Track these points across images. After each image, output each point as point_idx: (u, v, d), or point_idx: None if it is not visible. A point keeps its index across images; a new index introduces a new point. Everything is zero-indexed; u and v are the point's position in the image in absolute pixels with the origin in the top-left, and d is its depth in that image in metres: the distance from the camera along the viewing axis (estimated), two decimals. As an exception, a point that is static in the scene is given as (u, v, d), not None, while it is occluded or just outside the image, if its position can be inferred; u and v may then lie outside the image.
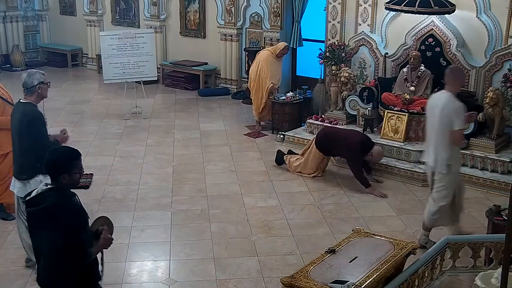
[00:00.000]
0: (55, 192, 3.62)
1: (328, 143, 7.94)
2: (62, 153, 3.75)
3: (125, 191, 7.58)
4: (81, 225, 3.64)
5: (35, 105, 5.46)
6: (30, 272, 5.65)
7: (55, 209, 3.56)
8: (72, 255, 3.56)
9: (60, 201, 3.59)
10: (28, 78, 5.40)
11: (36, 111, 5.44)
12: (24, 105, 5.44)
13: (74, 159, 3.71)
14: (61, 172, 3.63)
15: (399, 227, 6.70)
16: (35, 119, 5.38)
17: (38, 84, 5.39)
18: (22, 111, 5.42)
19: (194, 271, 5.73)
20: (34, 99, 5.44)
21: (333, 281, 4.32)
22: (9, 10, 14.92)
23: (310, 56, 10.61)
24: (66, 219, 3.54)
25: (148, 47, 10.93)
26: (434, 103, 5.98)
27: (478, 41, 8.42)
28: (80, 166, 3.73)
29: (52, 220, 3.53)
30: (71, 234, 3.53)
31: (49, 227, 3.54)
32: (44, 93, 5.49)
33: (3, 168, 6.63)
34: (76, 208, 3.64)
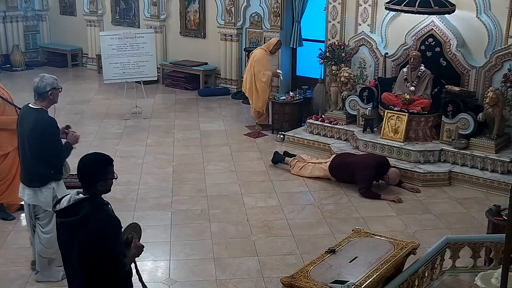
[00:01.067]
0: (91, 202, 3.53)
1: (343, 172, 7.78)
2: (96, 161, 3.65)
3: (125, 191, 7.58)
4: (118, 235, 3.58)
5: (46, 111, 5.26)
6: (30, 272, 5.65)
7: (92, 219, 3.46)
8: (109, 265, 3.50)
9: (96, 210, 3.51)
10: (40, 82, 5.21)
11: (49, 119, 5.22)
12: (36, 112, 5.21)
13: (108, 165, 3.65)
14: (98, 179, 3.57)
15: (399, 227, 6.70)
16: (50, 126, 5.17)
17: (50, 90, 5.22)
18: (34, 118, 5.18)
19: (194, 271, 5.73)
20: (45, 104, 5.25)
21: (333, 281, 4.33)
22: (9, 10, 14.92)
23: (310, 56, 10.61)
24: (103, 229, 3.47)
25: (148, 47, 10.93)
26: None
27: (478, 41, 8.42)
28: (113, 171, 3.68)
29: (87, 231, 3.45)
30: (108, 244, 3.47)
31: (86, 237, 3.45)
32: (56, 98, 5.31)
33: (3, 168, 6.62)
34: (112, 217, 3.56)
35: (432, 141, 8.41)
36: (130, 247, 3.67)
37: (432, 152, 8.15)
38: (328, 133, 9.21)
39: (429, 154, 8.13)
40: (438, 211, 7.11)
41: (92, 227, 3.46)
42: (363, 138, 8.56)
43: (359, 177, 7.52)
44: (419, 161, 8.11)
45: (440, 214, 7.01)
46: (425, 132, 8.48)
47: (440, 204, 7.31)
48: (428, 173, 7.87)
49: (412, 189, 7.66)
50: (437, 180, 7.86)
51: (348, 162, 7.77)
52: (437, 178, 7.88)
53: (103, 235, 3.46)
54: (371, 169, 7.53)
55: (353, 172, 7.63)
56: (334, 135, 9.16)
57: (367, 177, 7.48)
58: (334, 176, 7.84)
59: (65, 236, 3.58)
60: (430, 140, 8.42)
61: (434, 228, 6.67)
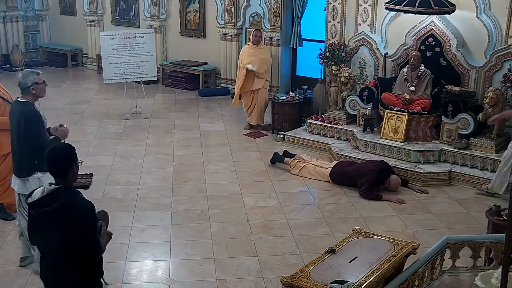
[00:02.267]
0: (65, 191, 3.64)
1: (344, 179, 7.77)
2: (64, 149, 3.79)
3: (125, 191, 7.58)
4: (96, 221, 3.68)
5: (33, 104, 5.51)
6: (30, 271, 5.65)
7: (69, 208, 3.57)
8: (87, 252, 3.60)
9: (71, 199, 3.62)
10: (22, 79, 5.45)
11: (33, 110, 5.48)
12: (22, 104, 5.49)
13: (74, 150, 3.78)
14: (70, 165, 3.69)
15: (399, 227, 6.70)
16: (33, 117, 5.43)
17: (32, 85, 5.43)
18: (19, 110, 5.47)
19: (194, 271, 5.73)
20: (31, 98, 5.49)
21: (333, 281, 4.32)
22: (9, 10, 14.91)
23: (310, 56, 10.61)
24: (81, 216, 3.57)
25: (148, 47, 10.93)
26: None
27: (478, 41, 8.42)
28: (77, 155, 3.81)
29: (67, 219, 3.55)
30: (87, 230, 3.58)
31: (64, 226, 3.55)
32: (40, 93, 5.52)
33: (4, 169, 6.63)
34: (88, 205, 3.65)
35: (432, 141, 8.41)
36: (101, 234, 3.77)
37: (432, 152, 8.15)
38: (328, 133, 9.21)
39: (429, 154, 8.14)
40: (438, 211, 7.11)
41: (73, 214, 3.56)
42: (363, 138, 8.56)
43: (361, 181, 7.52)
44: (419, 161, 8.11)
45: (440, 214, 7.01)
46: (425, 132, 8.48)
47: (440, 204, 7.31)
48: (428, 173, 7.87)
49: (419, 190, 7.66)
50: (437, 180, 7.86)
51: (349, 170, 7.76)
52: (437, 178, 7.88)
53: (84, 221, 3.58)
54: (373, 173, 7.53)
55: (355, 178, 7.63)
56: (334, 135, 9.16)
57: (369, 180, 7.48)
58: (335, 182, 7.85)
59: (41, 227, 3.67)
60: (430, 140, 8.42)
61: (434, 228, 6.67)
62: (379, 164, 7.75)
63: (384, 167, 7.73)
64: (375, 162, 7.86)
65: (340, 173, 7.80)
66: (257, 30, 10.11)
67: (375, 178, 7.52)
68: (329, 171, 7.87)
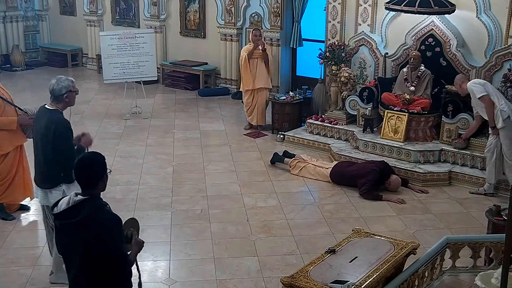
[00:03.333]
0: (91, 203, 3.54)
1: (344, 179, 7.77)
2: (96, 159, 3.67)
3: (125, 191, 7.58)
4: (122, 233, 3.59)
5: (62, 113, 5.25)
6: (30, 272, 5.65)
7: (95, 220, 3.47)
8: (113, 265, 3.50)
9: (97, 211, 3.51)
10: (56, 85, 5.17)
11: (63, 120, 5.21)
12: (51, 112, 5.21)
13: (104, 160, 3.69)
14: (101, 176, 3.62)
15: (399, 227, 6.70)
16: (63, 128, 5.16)
17: (66, 92, 5.18)
18: (48, 118, 5.18)
19: (194, 271, 5.73)
20: (61, 106, 5.24)
21: (333, 281, 4.32)
22: (9, 10, 14.92)
23: (310, 56, 10.61)
24: (106, 229, 3.47)
25: (148, 47, 10.93)
26: None
27: (478, 41, 8.42)
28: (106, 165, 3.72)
29: (90, 232, 3.44)
30: (113, 243, 3.48)
31: (89, 238, 3.44)
32: (72, 101, 5.28)
33: (3, 168, 6.62)
34: (114, 216, 3.56)
35: (432, 141, 8.41)
36: (131, 243, 3.68)
37: (432, 152, 8.15)
38: (328, 133, 9.21)
39: (429, 154, 8.14)
40: (438, 211, 7.11)
41: (96, 227, 3.45)
42: (363, 138, 8.56)
43: (362, 181, 7.51)
44: (419, 161, 8.11)
45: (440, 214, 7.01)
46: (425, 132, 8.48)
47: (440, 204, 7.31)
48: (428, 173, 7.87)
49: (419, 190, 7.65)
50: (437, 180, 7.86)
51: (349, 170, 7.75)
52: (437, 178, 7.88)
53: (107, 235, 3.46)
54: (374, 173, 7.53)
55: (355, 178, 7.62)
56: (334, 135, 9.16)
57: (370, 180, 7.47)
58: (335, 182, 7.84)
59: (66, 239, 3.57)
60: (430, 140, 8.42)
61: (434, 228, 6.67)
62: (379, 164, 7.75)
63: (385, 167, 7.73)
64: (375, 162, 7.86)
65: (340, 173, 7.80)
66: (256, 29, 10.11)
67: (376, 178, 7.52)
68: (329, 171, 7.87)
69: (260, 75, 9.87)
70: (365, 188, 7.43)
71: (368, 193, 7.41)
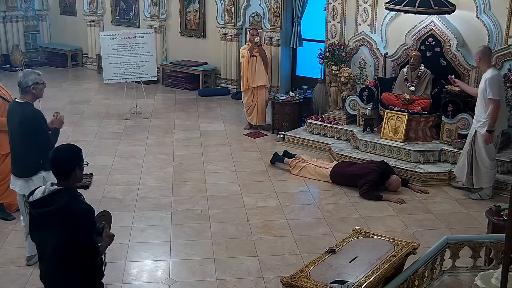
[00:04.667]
0: (66, 193, 3.62)
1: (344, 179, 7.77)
2: (71, 149, 3.76)
3: (125, 191, 7.58)
4: (95, 224, 3.66)
5: (32, 104, 5.48)
6: (31, 271, 5.66)
7: (68, 210, 3.55)
8: (85, 255, 3.59)
9: (72, 201, 3.60)
10: (23, 78, 5.43)
11: (36, 111, 5.47)
12: (22, 105, 5.45)
13: (80, 152, 3.77)
14: (74, 167, 3.66)
15: (399, 227, 6.70)
16: (36, 117, 5.41)
17: (32, 84, 5.42)
18: (22, 112, 5.41)
19: (194, 271, 5.73)
20: (30, 98, 5.47)
21: (333, 281, 4.32)
22: (9, 10, 14.91)
23: (310, 56, 10.61)
24: (80, 219, 3.55)
25: (148, 47, 10.93)
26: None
27: (478, 41, 8.40)
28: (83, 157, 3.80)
29: (65, 221, 3.53)
30: (85, 233, 3.56)
31: (62, 227, 3.53)
32: (39, 93, 5.51)
33: (4, 168, 6.61)
34: (87, 207, 3.64)
35: (432, 141, 8.41)
36: (102, 236, 3.74)
37: (432, 152, 8.15)
38: (328, 133, 9.22)
39: (429, 154, 8.14)
40: (438, 211, 7.11)
41: (71, 217, 3.54)
42: (363, 138, 8.56)
43: (362, 181, 7.51)
44: (419, 161, 8.11)
45: (440, 214, 7.01)
46: (425, 132, 8.48)
47: (440, 204, 7.31)
48: (428, 173, 7.87)
49: (419, 190, 7.65)
50: (437, 180, 7.86)
51: (349, 170, 7.75)
52: (437, 178, 7.88)
53: (81, 225, 3.56)
54: (374, 173, 7.53)
55: (355, 178, 7.62)
56: (334, 135, 9.16)
57: (370, 181, 7.47)
58: (335, 182, 7.84)
59: (40, 227, 3.66)
60: (430, 140, 8.42)
61: (434, 228, 6.67)
62: (379, 164, 7.74)
63: (385, 167, 7.73)
64: (375, 162, 7.86)
65: (340, 173, 7.80)
66: (253, 28, 10.13)
67: (376, 178, 7.52)
68: (329, 171, 7.87)
69: (260, 73, 9.89)
70: (365, 188, 7.43)
71: (368, 193, 7.40)
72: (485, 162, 7.28)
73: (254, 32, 9.87)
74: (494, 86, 7.14)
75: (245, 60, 9.81)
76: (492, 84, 7.13)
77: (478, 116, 7.29)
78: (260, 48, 9.84)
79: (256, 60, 9.84)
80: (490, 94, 7.11)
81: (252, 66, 9.83)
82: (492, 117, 7.16)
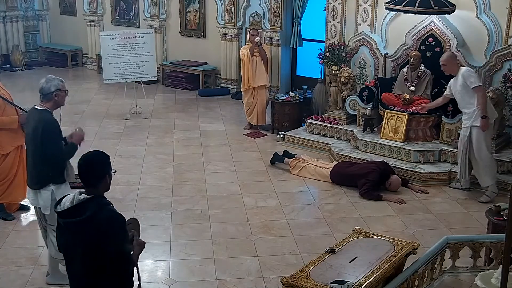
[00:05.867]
0: (95, 202, 3.51)
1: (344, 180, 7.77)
2: (99, 157, 3.67)
3: (125, 191, 7.58)
4: (126, 233, 3.57)
5: (51, 113, 5.24)
6: (31, 271, 5.65)
7: (99, 219, 3.44)
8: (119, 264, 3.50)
9: (102, 210, 3.49)
10: (45, 84, 5.19)
11: (51, 119, 5.19)
12: (39, 112, 5.20)
13: (108, 159, 3.68)
14: (104, 175, 3.59)
15: (399, 227, 6.70)
16: (50, 127, 5.14)
17: (55, 91, 5.19)
18: (37, 119, 5.17)
19: (194, 271, 5.74)
20: (50, 106, 5.23)
21: (333, 281, 4.32)
22: (9, 10, 14.91)
23: (310, 56, 10.61)
24: (111, 228, 3.46)
25: (148, 47, 10.93)
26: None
27: (478, 41, 8.42)
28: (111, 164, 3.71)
29: (95, 230, 3.42)
30: (118, 242, 3.47)
31: (92, 237, 3.42)
32: (61, 100, 5.30)
33: (4, 168, 6.62)
34: (118, 215, 3.54)
35: (432, 141, 8.41)
36: (132, 244, 3.66)
37: (432, 152, 8.15)
38: (328, 133, 9.22)
39: (429, 154, 8.14)
40: (438, 211, 7.11)
41: (101, 226, 3.44)
42: (363, 138, 8.56)
43: (362, 181, 7.51)
44: (419, 161, 8.10)
45: (440, 214, 7.01)
46: (425, 132, 8.48)
47: (440, 204, 7.31)
48: (428, 173, 7.87)
49: (419, 190, 7.64)
50: (437, 180, 7.86)
51: (349, 171, 7.74)
52: (437, 178, 7.88)
53: (113, 233, 3.46)
54: (374, 173, 7.52)
55: (355, 178, 7.62)
56: (334, 135, 9.16)
57: (370, 181, 7.47)
58: (335, 182, 7.84)
59: (68, 237, 3.55)
60: (430, 140, 8.42)
61: (434, 228, 6.67)
62: (380, 164, 7.74)
63: (385, 167, 7.73)
64: (376, 162, 7.86)
65: (340, 174, 7.80)
66: (253, 28, 10.13)
67: (376, 178, 7.52)
68: (329, 171, 7.87)
69: (260, 73, 9.89)
70: (365, 188, 7.43)
71: (368, 193, 7.40)
72: (484, 156, 7.23)
73: (255, 33, 9.88)
74: (472, 75, 7.22)
75: (245, 61, 9.81)
76: (469, 75, 7.20)
77: (468, 112, 7.26)
78: (260, 48, 9.84)
79: (257, 60, 9.84)
80: (473, 83, 7.11)
81: (252, 67, 9.83)
82: (481, 103, 7.12)
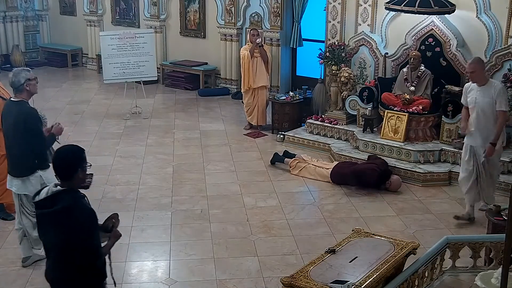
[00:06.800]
0: (69, 194, 3.62)
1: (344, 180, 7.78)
2: (72, 150, 3.74)
3: (125, 191, 7.58)
4: (95, 226, 3.66)
5: (27, 102, 5.49)
6: (30, 272, 5.66)
7: (71, 211, 3.56)
8: (85, 256, 3.60)
9: (74, 203, 3.60)
10: (14, 77, 5.43)
11: (30, 109, 5.49)
12: (17, 104, 5.46)
13: (83, 153, 3.75)
14: (77, 168, 3.66)
15: (399, 227, 6.70)
16: (32, 116, 5.42)
17: (25, 81, 5.42)
18: (17, 110, 5.42)
19: (194, 271, 5.74)
20: (25, 96, 5.48)
21: (333, 281, 4.32)
22: (9, 10, 14.91)
23: (310, 56, 10.61)
24: (81, 221, 3.56)
25: (148, 47, 10.93)
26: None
27: (478, 41, 8.41)
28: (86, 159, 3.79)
29: (67, 222, 3.54)
30: (86, 236, 3.57)
31: (64, 228, 3.55)
32: (33, 89, 5.52)
33: (3, 168, 6.61)
34: (90, 209, 3.65)
35: (432, 141, 8.41)
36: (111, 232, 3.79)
37: (432, 152, 8.15)
38: (328, 133, 9.22)
39: (429, 154, 8.14)
40: (438, 211, 7.11)
41: (72, 219, 3.54)
42: (363, 138, 8.56)
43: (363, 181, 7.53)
44: (419, 161, 8.10)
45: (440, 214, 7.01)
46: (425, 132, 8.48)
47: (440, 204, 7.31)
48: (428, 173, 7.87)
49: None
50: (437, 180, 7.86)
51: (349, 172, 7.75)
52: (437, 178, 7.88)
53: (82, 227, 3.56)
54: (374, 173, 7.53)
55: (356, 179, 7.63)
56: (334, 135, 9.16)
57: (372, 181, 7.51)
58: (335, 182, 7.84)
59: (44, 227, 3.67)
60: (430, 140, 8.42)
61: (434, 228, 6.67)
62: (380, 165, 7.75)
63: (386, 167, 7.73)
64: (376, 162, 7.86)
65: (340, 174, 7.80)
66: (253, 29, 10.13)
67: (377, 178, 7.52)
68: (330, 171, 7.87)
69: (260, 74, 9.89)
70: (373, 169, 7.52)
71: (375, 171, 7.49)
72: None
73: (255, 33, 9.88)
74: (505, 97, 6.46)
75: (245, 61, 9.81)
76: (504, 94, 6.46)
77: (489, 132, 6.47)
78: (261, 48, 9.84)
79: (257, 60, 9.84)
80: (503, 105, 6.38)
81: (252, 67, 9.83)
82: (500, 130, 6.44)
